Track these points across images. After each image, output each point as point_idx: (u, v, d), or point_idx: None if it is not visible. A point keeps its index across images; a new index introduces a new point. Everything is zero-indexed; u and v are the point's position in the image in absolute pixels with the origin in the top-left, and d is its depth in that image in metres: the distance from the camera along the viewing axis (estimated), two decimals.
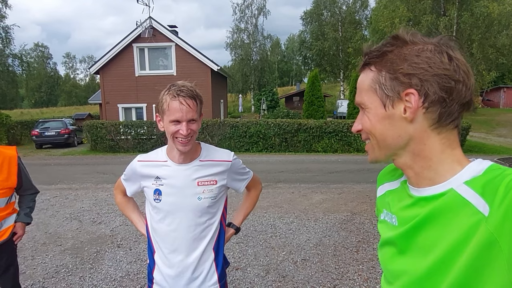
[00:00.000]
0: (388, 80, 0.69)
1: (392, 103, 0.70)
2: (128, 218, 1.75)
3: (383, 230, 0.84)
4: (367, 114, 0.74)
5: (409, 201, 0.75)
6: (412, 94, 0.67)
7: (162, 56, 18.08)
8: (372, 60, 0.73)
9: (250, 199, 1.77)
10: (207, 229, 1.51)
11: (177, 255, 1.48)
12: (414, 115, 0.68)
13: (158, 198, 1.48)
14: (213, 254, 1.53)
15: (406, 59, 0.68)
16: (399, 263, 0.74)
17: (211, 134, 14.17)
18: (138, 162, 1.55)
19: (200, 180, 1.47)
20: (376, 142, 0.74)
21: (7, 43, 28.32)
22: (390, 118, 0.71)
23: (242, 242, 4.41)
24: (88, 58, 69.24)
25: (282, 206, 6.08)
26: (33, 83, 59.27)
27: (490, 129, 21.95)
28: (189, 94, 1.34)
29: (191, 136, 1.38)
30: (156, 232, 1.52)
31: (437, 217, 0.66)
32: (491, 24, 21.93)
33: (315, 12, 34.98)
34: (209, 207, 1.49)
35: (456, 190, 0.66)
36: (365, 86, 0.74)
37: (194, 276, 1.50)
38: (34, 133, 16.58)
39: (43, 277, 3.59)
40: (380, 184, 0.91)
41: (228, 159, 1.54)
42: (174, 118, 1.34)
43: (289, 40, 68.58)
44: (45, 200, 6.66)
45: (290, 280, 3.45)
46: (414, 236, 0.70)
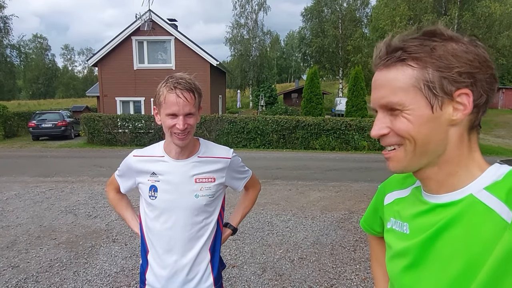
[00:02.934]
0: (437, 78, 0.63)
1: (441, 104, 0.63)
2: (121, 216, 1.68)
3: (391, 240, 0.79)
4: (405, 116, 0.65)
5: (423, 207, 0.71)
6: (466, 95, 0.62)
7: (161, 50, 17.94)
8: (414, 55, 0.64)
9: (249, 199, 1.71)
10: (203, 228, 1.45)
11: (171, 256, 1.42)
12: (464, 118, 0.63)
13: (154, 195, 1.42)
14: (209, 255, 1.48)
15: (458, 55, 0.62)
16: (415, 276, 0.69)
17: (208, 129, 14.11)
18: (134, 157, 1.49)
19: (197, 177, 1.42)
20: (413, 149, 0.66)
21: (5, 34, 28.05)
22: (435, 120, 0.64)
23: (238, 239, 4.37)
24: (87, 51, 68.74)
25: (279, 203, 6.05)
26: (30, 74, 58.75)
27: (488, 130, 21.99)
28: (186, 86, 1.28)
29: (188, 131, 1.33)
30: (151, 231, 1.46)
31: (458, 225, 0.63)
32: (492, 24, 21.91)
33: (316, 8, 34.79)
34: (206, 205, 1.43)
35: (476, 197, 0.63)
36: (403, 85, 0.65)
37: (189, 278, 1.44)
38: (31, 124, 16.45)
39: (37, 271, 3.55)
40: (389, 192, 0.87)
41: (228, 156, 1.49)
42: (170, 112, 1.29)
43: (289, 37, 68.32)
44: (40, 193, 6.60)
45: (287, 279, 3.42)
46: (432, 246, 0.66)
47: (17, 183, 7.46)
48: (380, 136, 0.69)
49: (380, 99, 0.67)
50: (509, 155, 13.27)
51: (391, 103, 0.66)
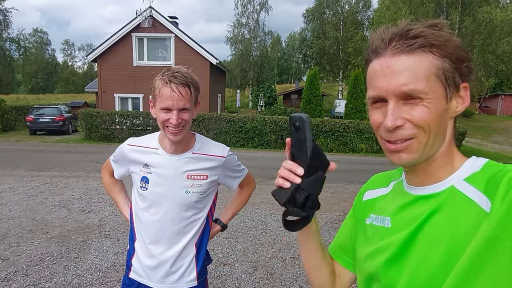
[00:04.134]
0: (450, 70, 0.63)
1: (451, 96, 0.64)
2: (113, 200, 1.69)
3: (370, 235, 0.78)
4: (426, 105, 0.62)
5: (405, 200, 0.71)
6: (465, 88, 0.65)
7: (161, 47, 17.91)
8: (434, 43, 0.62)
9: (242, 197, 1.70)
10: (191, 224, 1.45)
11: (158, 247, 1.44)
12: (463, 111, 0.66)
13: (145, 186, 1.42)
14: (195, 250, 1.48)
15: (464, 50, 0.64)
16: (397, 268, 0.68)
17: (207, 128, 14.09)
18: (128, 145, 1.49)
19: (190, 173, 1.41)
20: (427, 139, 0.64)
21: (5, 27, 27.97)
22: (446, 111, 0.65)
23: (231, 238, 4.36)
24: (87, 46, 68.66)
25: (274, 203, 5.99)
26: (30, 68, 58.60)
27: (486, 136, 22.05)
28: (182, 81, 1.27)
29: (182, 126, 1.31)
30: (140, 220, 1.47)
31: (439, 215, 0.64)
32: (493, 30, 21.95)
33: (317, 10, 34.86)
34: (196, 202, 1.43)
35: (456, 188, 0.64)
36: (423, 72, 0.62)
37: (172, 270, 1.45)
38: (28, 119, 16.38)
39: (27, 264, 3.52)
40: (371, 189, 0.86)
41: (223, 155, 1.48)
42: (164, 106, 1.28)
43: (290, 38, 68.35)
44: (35, 187, 6.57)
45: (278, 278, 3.41)
46: (415, 237, 0.66)
47: (12, 176, 7.42)
48: (395, 129, 0.64)
49: (402, 86, 0.62)
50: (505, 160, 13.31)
51: (414, 91, 0.62)
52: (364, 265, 0.77)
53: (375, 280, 0.73)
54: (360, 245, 0.81)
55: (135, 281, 1.50)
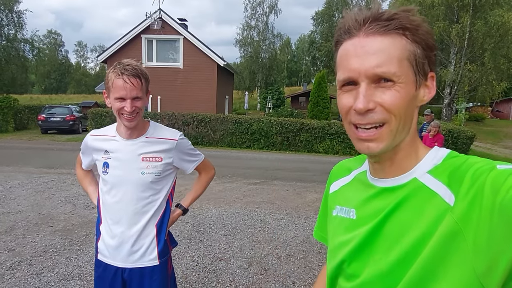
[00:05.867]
0: (421, 57, 0.61)
1: (419, 83, 0.62)
2: (84, 190, 1.83)
3: (337, 227, 0.79)
4: (398, 90, 0.60)
5: (369, 192, 0.72)
6: (432, 78, 0.64)
7: (170, 49, 18.15)
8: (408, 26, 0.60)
9: (200, 182, 1.80)
10: (149, 204, 1.55)
11: (119, 227, 1.54)
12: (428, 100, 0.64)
13: (106, 170, 1.55)
14: (155, 230, 1.58)
15: (433, 38, 0.62)
16: (361, 259, 0.69)
17: (213, 129, 14.22)
18: (90, 136, 1.64)
19: (144, 155, 1.53)
20: (397, 127, 0.62)
21: (19, 28, 28.63)
22: (414, 98, 0.63)
23: (229, 235, 4.45)
24: (99, 48, 69.72)
25: (275, 202, 6.10)
26: (43, 69, 59.84)
27: (497, 140, 21.72)
28: (133, 72, 1.39)
29: (136, 113, 1.44)
30: (103, 203, 1.59)
31: (404, 208, 0.64)
32: (505, 33, 21.63)
33: (327, 13, 34.88)
34: (152, 182, 1.54)
35: (420, 180, 0.64)
36: (397, 55, 0.60)
37: (134, 249, 1.55)
38: (40, 118, 16.77)
39: (31, 255, 3.67)
40: (334, 180, 0.88)
41: (174, 138, 1.59)
42: (118, 96, 1.40)
43: (300, 40, 68.36)
44: (43, 183, 6.77)
45: (272, 274, 3.48)
46: (380, 230, 0.66)
47: (22, 173, 7.65)
48: (366, 112, 0.62)
49: (375, 67, 0.60)
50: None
51: (389, 73, 0.60)
52: (331, 256, 0.79)
53: (341, 271, 0.75)
54: (329, 238, 0.83)
55: (102, 262, 1.61)
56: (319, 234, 0.96)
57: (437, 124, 7.13)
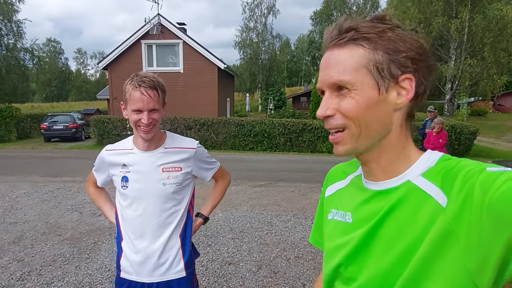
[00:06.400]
0: (385, 61, 0.64)
1: (387, 87, 0.65)
2: (99, 208, 1.80)
3: (332, 230, 0.80)
4: (353, 97, 0.65)
5: (364, 196, 0.73)
6: (409, 80, 0.64)
7: (170, 53, 18.20)
8: (366, 35, 0.65)
9: (218, 190, 1.80)
10: (172, 215, 1.54)
11: (143, 241, 1.52)
12: (406, 103, 0.66)
13: (125, 185, 1.53)
14: (180, 241, 1.56)
15: (405, 40, 0.64)
16: (357, 263, 0.70)
17: (216, 132, 14.23)
18: (106, 151, 1.61)
19: (164, 166, 1.52)
20: (359, 131, 0.66)
21: (18, 37, 28.75)
22: (380, 103, 0.65)
23: (237, 238, 4.44)
24: (99, 54, 70.03)
25: (281, 204, 6.10)
26: (44, 77, 60.14)
27: (500, 134, 21.63)
28: (150, 84, 1.39)
29: (153, 125, 1.43)
30: (124, 219, 1.56)
31: (399, 211, 0.65)
32: (505, 27, 21.58)
33: (325, 12, 34.91)
34: (174, 193, 1.53)
35: (414, 183, 0.65)
36: (354, 64, 0.65)
37: (160, 262, 1.53)
38: (42, 126, 16.84)
39: (41, 264, 3.67)
40: (330, 184, 0.88)
41: (192, 147, 1.59)
42: (135, 108, 1.39)
43: (299, 40, 68.37)
44: (48, 192, 6.78)
45: (281, 276, 3.47)
46: (376, 232, 0.67)
47: (27, 182, 7.67)
48: (325, 118, 0.68)
49: (330, 78, 0.67)
50: None
51: (341, 82, 0.65)
52: (327, 260, 0.80)
53: (338, 274, 0.75)
54: (325, 241, 0.84)
55: (125, 279, 1.58)
56: (315, 239, 0.96)
57: (441, 121, 7.11)
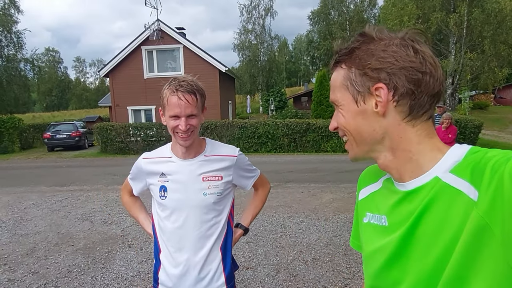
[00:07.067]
0: (358, 76, 0.71)
1: (363, 99, 0.71)
2: (134, 218, 1.72)
3: (369, 234, 0.80)
4: (340, 111, 0.75)
5: (396, 197, 0.74)
6: (381, 88, 0.68)
7: (170, 58, 18.20)
8: (342, 57, 0.74)
9: (259, 199, 1.72)
10: (213, 227, 1.47)
11: (183, 254, 1.45)
12: (385, 109, 0.69)
13: (164, 194, 1.46)
14: (221, 254, 1.49)
15: (373, 54, 0.69)
16: (398, 267, 0.70)
17: (219, 135, 14.20)
18: (143, 159, 1.54)
19: (205, 175, 1.45)
20: (353, 139, 0.75)
21: (19, 48, 28.76)
22: (362, 113, 0.72)
23: (252, 242, 4.40)
24: (98, 62, 70.17)
25: (292, 205, 6.05)
26: (44, 87, 60.21)
27: (503, 127, 21.56)
28: (188, 89, 1.33)
29: (191, 131, 1.37)
30: (162, 230, 1.49)
31: (432, 210, 0.65)
32: (503, 20, 21.56)
33: (323, 11, 34.88)
34: (215, 203, 1.46)
35: (442, 179, 0.65)
36: (337, 84, 0.75)
37: (201, 276, 1.45)
38: (45, 136, 16.85)
39: (56, 276, 3.63)
40: (363, 187, 0.89)
41: (234, 154, 1.52)
42: (173, 114, 1.34)
43: (297, 41, 68.41)
44: (57, 202, 6.75)
45: (301, 280, 3.43)
46: (413, 234, 0.67)
47: (34, 192, 7.64)
48: (334, 130, 0.80)
49: (330, 97, 0.79)
50: None
51: (333, 100, 0.78)
52: (367, 264, 0.79)
53: (381, 279, 0.75)
54: (363, 245, 0.84)
55: None
56: (355, 243, 0.97)
57: (449, 116, 7.06)
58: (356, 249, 0.95)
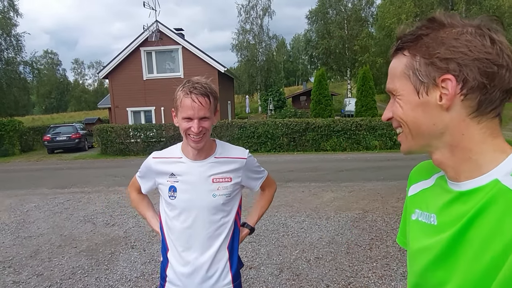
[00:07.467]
0: (423, 65, 0.66)
1: (426, 90, 0.66)
2: (142, 215, 1.74)
3: (417, 232, 0.77)
4: (398, 102, 0.70)
5: (448, 197, 0.70)
6: (449, 80, 0.63)
7: (169, 59, 18.22)
8: (406, 44, 0.69)
9: (265, 199, 1.74)
10: (221, 227, 1.49)
11: (191, 253, 1.47)
12: (451, 103, 0.64)
13: (173, 195, 1.47)
14: (227, 254, 1.52)
15: (444, 42, 0.64)
16: (445, 268, 0.67)
17: (219, 136, 14.21)
18: (153, 159, 1.54)
19: (215, 177, 1.47)
20: (409, 131, 0.71)
21: (18, 51, 28.74)
22: (423, 105, 0.67)
23: (254, 242, 4.42)
24: (96, 64, 70.07)
25: (293, 205, 6.07)
26: (43, 89, 60.20)
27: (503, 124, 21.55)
28: (202, 91, 1.34)
29: (203, 134, 1.37)
30: (171, 230, 1.51)
31: (488, 214, 0.61)
32: (502, 16, 21.57)
33: (320, 10, 34.88)
34: (223, 204, 1.48)
35: (503, 183, 0.61)
36: (398, 72, 0.70)
37: (208, 275, 1.48)
38: (45, 138, 16.86)
39: (60, 278, 3.65)
40: (414, 183, 0.86)
41: (243, 156, 1.54)
42: (186, 116, 1.35)
43: (295, 40, 68.46)
44: (59, 204, 6.77)
45: (304, 278, 3.45)
46: (463, 236, 0.64)
47: (36, 195, 7.66)
48: (388, 120, 0.76)
49: (387, 85, 0.74)
50: None
51: (390, 90, 0.73)
52: (412, 262, 0.77)
53: (424, 279, 0.73)
54: (409, 242, 0.81)
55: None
56: (402, 240, 0.94)
57: None
58: (403, 246, 0.92)
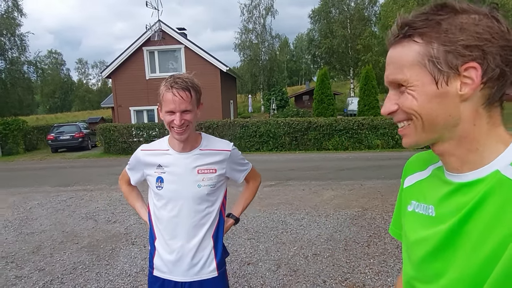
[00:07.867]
0: (441, 52, 0.61)
1: (446, 80, 0.62)
2: (132, 206, 1.83)
3: (413, 223, 0.76)
4: (410, 93, 0.65)
5: (448, 188, 0.69)
6: (474, 68, 0.60)
7: (172, 59, 18.30)
8: (419, 30, 0.63)
9: (249, 191, 1.81)
10: (206, 216, 1.56)
11: (177, 241, 1.54)
12: (473, 92, 0.61)
13: (160, 185, 1.54)
14: (212, 242, 1.59)
15: (465, 28, 0.60)
16: (443, 259, 0.67)
17: (221, 135, 14.26)
18: (141, 151, 1.63)
19: (200, 168, 1.54)
20: (421, 124, 0.65)
21: (22, 51, 28.93)
22: (442, 96, 0.63)
23: (253, 238, 4.46)
24: (100, 63, 70.46)
25: (293, 203, 6.11)
26: (47, 89, 60.56)
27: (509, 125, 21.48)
28: (182, 85, 1.40)
29: (186, 126, 1.44)
30: (158, 219, 1.58)
31: (487, 205, 0.60)
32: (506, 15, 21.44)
33: (323, 10, 34.80)
34: (208, 195, 1.55)
35: (503, 174, 0.60)
36: (408, 61, 0.64)
37: (194, 262, 1.55)
38: (49, 137, 17.01)
39: (62, 273, 3.71)
40: (409, 174, 0.84)
41: (228, 149, 1.60)
42: (168, 109, 1.42)
43: (298, 39, 68.40)
44: (62, 201, 6.85)
45: (301, 274, 3.49)
46: (462, 228, 0.63)
47: (39, 193, 7.75)
48: (390, 113, 0.70)
49: (388, 76, 0.68)
50: None
51: (397, 80, 0.66)
52: (408, 253, 0.77)
53: (421, 270, 0.72)
54: (404, 234, 0.80)
55: (159, 278, 1.60)
56: (394, 231, 0.94)
57: None
58: (395, 237, 0.92)
